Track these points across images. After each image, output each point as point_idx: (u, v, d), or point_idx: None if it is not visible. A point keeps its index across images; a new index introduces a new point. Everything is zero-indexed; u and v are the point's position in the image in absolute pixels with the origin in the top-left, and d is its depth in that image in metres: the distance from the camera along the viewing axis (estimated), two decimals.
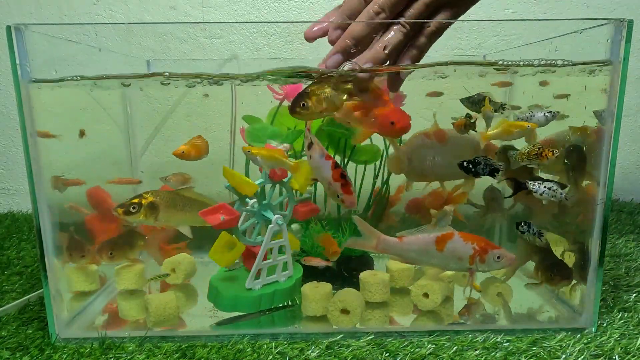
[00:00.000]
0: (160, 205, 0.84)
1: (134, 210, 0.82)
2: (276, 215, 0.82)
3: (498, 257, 0.74)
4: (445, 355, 0.69)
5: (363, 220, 0.77)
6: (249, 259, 0.84)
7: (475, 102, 0.87)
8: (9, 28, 0.68)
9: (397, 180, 1.02)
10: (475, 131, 0.85)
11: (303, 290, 0.82)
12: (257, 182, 0.80)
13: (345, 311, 0.78)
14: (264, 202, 0.84)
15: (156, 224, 0.86)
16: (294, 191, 0.87)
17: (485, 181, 0.85)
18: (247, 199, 0.83)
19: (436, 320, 0.82)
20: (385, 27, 0.70)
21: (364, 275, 0.85)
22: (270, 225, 0.81)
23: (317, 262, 0.84)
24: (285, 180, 0.85)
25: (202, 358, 0.69)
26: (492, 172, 0.78)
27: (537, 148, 0.77)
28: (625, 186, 1.55)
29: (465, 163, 0.79)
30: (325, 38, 0.74)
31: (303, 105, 0.70)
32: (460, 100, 0.89)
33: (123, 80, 0.85)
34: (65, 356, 0.70)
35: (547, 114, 0.81)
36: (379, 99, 0.77)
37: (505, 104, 0.85)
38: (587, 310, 0.77)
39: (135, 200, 0.83)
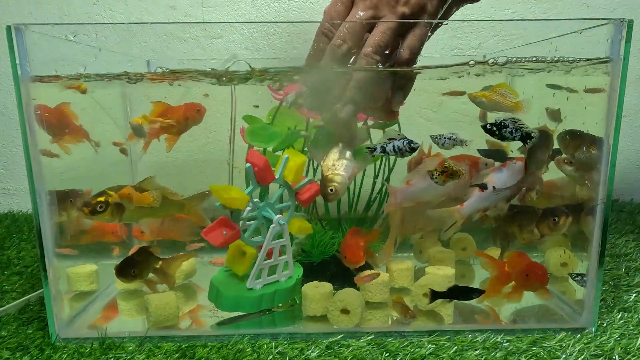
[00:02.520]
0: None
1: (101, 210, 0.77)
2: (277, 216, 0.81)
3: (486, 165, 0.81)
4: (445, 355, 0.69)
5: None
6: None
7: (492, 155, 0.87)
8: (9, 28, 0.68)
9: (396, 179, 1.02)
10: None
11: (303, 290, 0.82)
12: (246, 192, 0.79)
13: (345, 311, 0.78)
14: (262, 204, 0.84)
15: (121, 221, 0.82)
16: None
17: None
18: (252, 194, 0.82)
19: (436, 320, 0.82)
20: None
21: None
22: (272, 226, 0.81)
23: (370, 277, 0.84)
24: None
25: (202, 358, 0.69)
26: (524, 138, 0.74)
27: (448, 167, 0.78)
28: (625, 186, 1.55)
29: (489, 125, 0.75)
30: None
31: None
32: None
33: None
34: (65, 356, 0.70)
35: None
36: None
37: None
38: (587, 310, 0.77)
39: (102, 199, 0.77)
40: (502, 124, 0.75)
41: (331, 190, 0.78)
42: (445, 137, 0.81)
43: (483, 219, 0.87)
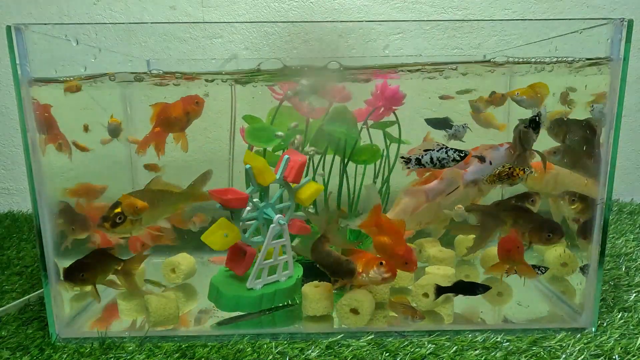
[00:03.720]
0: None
1: (120, 221, 0.78)
2: (278, 215, 0.82)
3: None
4: (445, 355, 0.69)
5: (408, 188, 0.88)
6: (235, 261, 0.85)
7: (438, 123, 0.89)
8: (9, 28, 0.68)
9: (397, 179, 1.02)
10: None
11: (303, 290, 0.82)
12: (247, 191, 0.79)
13: (354, 311, 0.78)
14: (262, 204, 0.84)
15: (142, 227, 0.82)
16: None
17: None
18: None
19: (436, 320, 0.82)
20: None
21: None
22: (272, 225, 0.81)
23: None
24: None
25: (202, 358, 0.69)
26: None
27: (507, 168, 0.79)
28: (625, 186, 1.55)
29: (537, 118, 0.81)
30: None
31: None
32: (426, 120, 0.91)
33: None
34: (65, 356, 0.70)
35: None
36: None
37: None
38: (587, 310, 0.77)
39: (118, 210, 0.78)
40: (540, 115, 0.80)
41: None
42: (457, 128, 0.88)
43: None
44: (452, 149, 0.75)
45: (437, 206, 0.91)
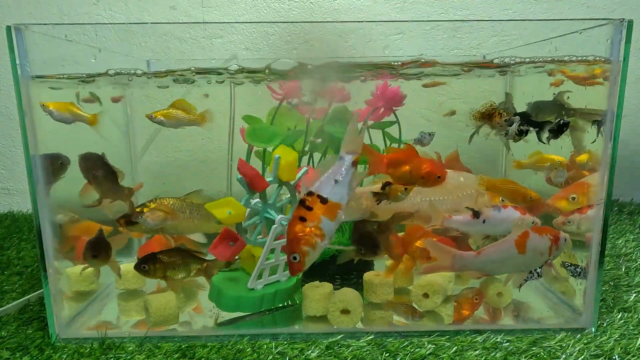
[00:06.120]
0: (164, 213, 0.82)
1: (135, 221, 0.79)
2: (280, 216, 0.81)
3: (565, 240, 0.75)
4: (445, 355, 0.69)
5: (434, 241, 0.74)
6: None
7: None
8: (9, 28, 0.68)
9: None
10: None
11: (304, 291, 0.82)
12: (242, 201, 0.79)
13: (345, 311, 0.78)
14: (261, 206, 0.83)
15: (163, 233, 0.83)
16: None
17: None
18: (251, 199, 0.82)
19: (436, 320, 0.82)
20: None
21: (367, 275, 0.85)
22: (274, 226, 0.81)
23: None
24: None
25: (202, 358, 0.69)
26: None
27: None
28: (625, 186, 1.55)
29: (561, 122, 0.77)
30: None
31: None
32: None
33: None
34: (65, 356, 0.70)
35: None
36: None
37: None
38: (587, 310, 0.77)
39: (137, 210, 0.79)
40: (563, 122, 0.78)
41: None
42: (424, 135, 0.85)
43: None
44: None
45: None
